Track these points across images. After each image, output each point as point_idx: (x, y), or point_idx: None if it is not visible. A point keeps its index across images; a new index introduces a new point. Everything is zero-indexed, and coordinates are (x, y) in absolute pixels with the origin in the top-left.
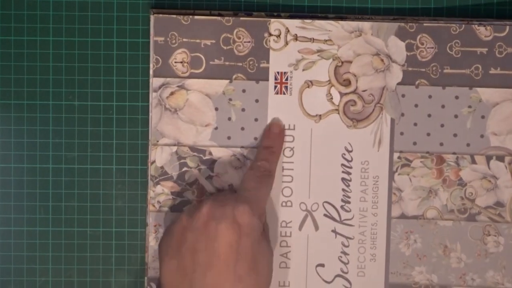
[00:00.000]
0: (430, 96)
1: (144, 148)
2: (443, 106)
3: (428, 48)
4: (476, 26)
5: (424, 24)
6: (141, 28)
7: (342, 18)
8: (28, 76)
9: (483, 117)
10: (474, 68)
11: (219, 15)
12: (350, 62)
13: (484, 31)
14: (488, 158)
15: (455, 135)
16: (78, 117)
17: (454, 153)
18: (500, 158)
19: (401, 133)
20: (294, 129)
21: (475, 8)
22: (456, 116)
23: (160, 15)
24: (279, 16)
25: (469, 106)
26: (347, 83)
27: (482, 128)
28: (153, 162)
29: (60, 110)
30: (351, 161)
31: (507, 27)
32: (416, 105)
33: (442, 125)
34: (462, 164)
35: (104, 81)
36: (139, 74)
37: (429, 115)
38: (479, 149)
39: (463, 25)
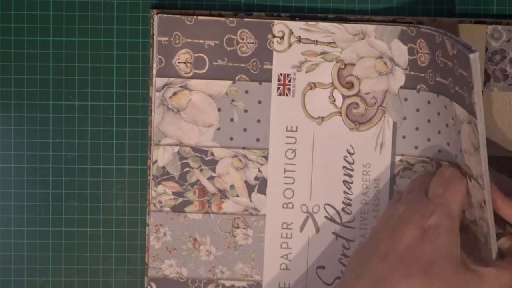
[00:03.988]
0: (429, 102)
1: (144, 148)
2: (438, 114)
3: (425, 53)
4: (445, 38)
5: (422, 30)
6: (141, 28)
7: (342, 19)
8: (28, 76)
9: (459, 132)
10: (449, 80)
11: (219, 15)
12: (353, 64)
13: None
14: None
15: (448, 144)
16: (78, 117)
17: (448, 162)
18: None
19: (403, 137)
20: (296, 131)
21: (475, 8)
22: (447, 125)
23: (164, 15)
24: (279, 17)
25: (452, 118)
26: (350, 85)
27: (459, 143)
28: (155, 162)
29: (60, 110)
30: (352, 163)
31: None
32: (417, 110)
33: (439, 132)
34: None
35: (104, 81)
36: (139, 74)
37: (429, 121)
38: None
39: (441, 36)
